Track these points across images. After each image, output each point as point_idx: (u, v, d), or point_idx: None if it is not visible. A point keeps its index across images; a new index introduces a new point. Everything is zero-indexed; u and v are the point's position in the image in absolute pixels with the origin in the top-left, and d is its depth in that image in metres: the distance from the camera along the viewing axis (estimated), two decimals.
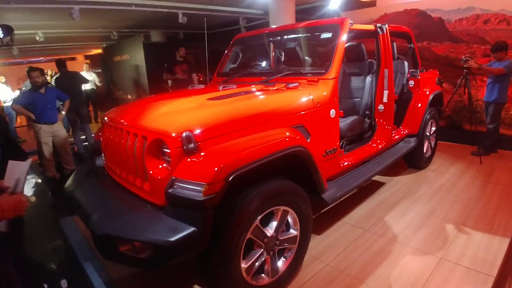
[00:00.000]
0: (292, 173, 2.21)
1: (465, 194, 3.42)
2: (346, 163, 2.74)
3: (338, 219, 3.04)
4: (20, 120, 10.81)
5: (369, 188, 3.70)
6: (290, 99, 2.27)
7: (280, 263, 2.09)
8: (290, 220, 2.08)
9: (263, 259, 1.96)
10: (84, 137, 6.09)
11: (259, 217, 1.83)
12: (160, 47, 10.01)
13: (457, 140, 5.24)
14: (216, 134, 1.78)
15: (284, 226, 2.06)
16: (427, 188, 3.63)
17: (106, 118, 2.44)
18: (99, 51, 13.80)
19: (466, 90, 4.44)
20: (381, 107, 3.21)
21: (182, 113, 1.97)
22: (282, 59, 3.59)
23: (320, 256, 2.49)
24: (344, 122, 3.01)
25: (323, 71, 2.55)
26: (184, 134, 1.68)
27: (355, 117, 3.15)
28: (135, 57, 9.56)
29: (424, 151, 4.06)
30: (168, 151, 1.75)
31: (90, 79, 9.01)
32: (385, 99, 3.17)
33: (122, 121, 2.17)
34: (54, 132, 4.53)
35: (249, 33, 3.68)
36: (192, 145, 1.68)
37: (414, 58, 4.15)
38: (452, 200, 3.31)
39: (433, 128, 4.24)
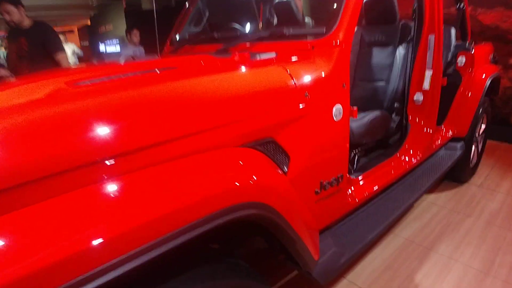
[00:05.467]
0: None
1: None
2: (357, 198, 1.58)
3: (340, 276, 1.93)
4: None
5: None
6: (246, 86, 1.09)
7: None
8: None
9: None
10: None
11: None
12: (149, 16, 8.78)
13: (504, 138, 3.99)
14: (39, 175, 0.64)
15: None
16: (475, 218, 2.46)
17: None
18: None
19: None
20: (418, 97, 2.00)
21: None
22: (270, 20, 2.39)
23: None
24: (357, 122, 1.83)
25: (323, 31, 1.35)
26: None
27: (376, 112, 1.96)
28: (119, 28, 8.42)
29: (470, 159, 2.85)
30: None
31: (69, 53, 7.99)
32: (426, 85, 1.96)
33: None
34: None
35: None
36: None
37: (464, 25, 2.86)
38: None
39: (483, 126, 3.01)
